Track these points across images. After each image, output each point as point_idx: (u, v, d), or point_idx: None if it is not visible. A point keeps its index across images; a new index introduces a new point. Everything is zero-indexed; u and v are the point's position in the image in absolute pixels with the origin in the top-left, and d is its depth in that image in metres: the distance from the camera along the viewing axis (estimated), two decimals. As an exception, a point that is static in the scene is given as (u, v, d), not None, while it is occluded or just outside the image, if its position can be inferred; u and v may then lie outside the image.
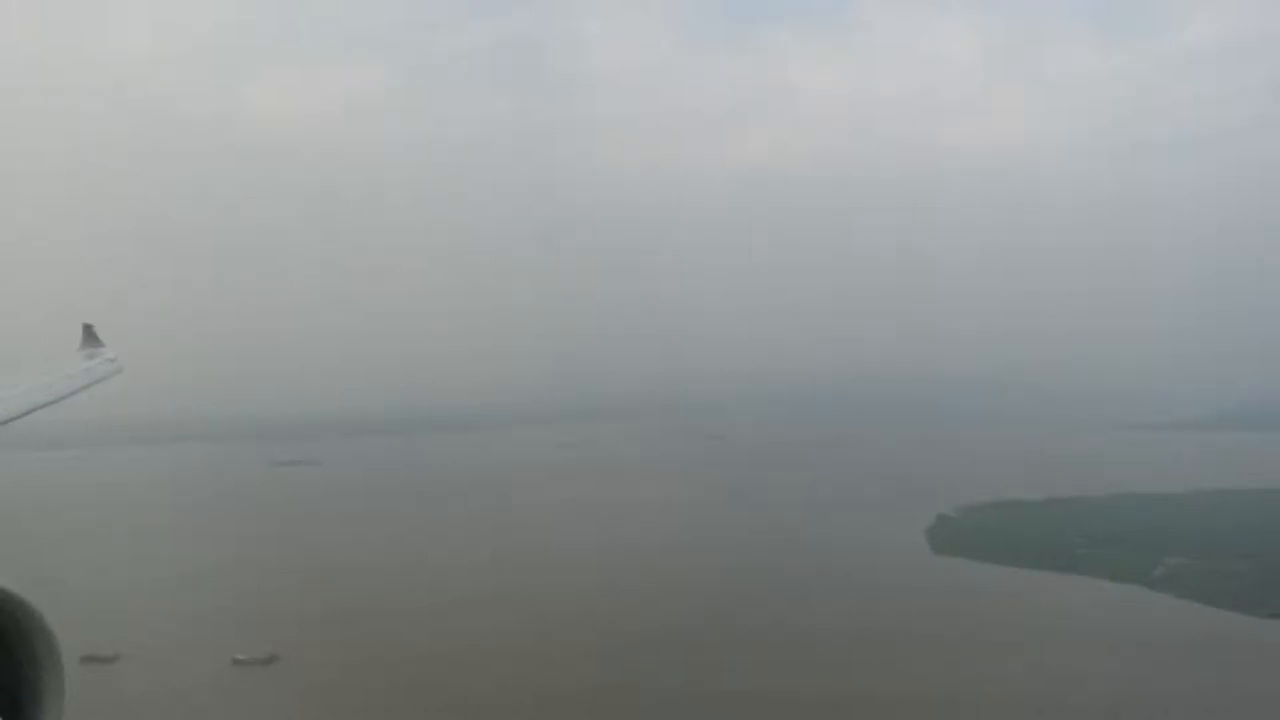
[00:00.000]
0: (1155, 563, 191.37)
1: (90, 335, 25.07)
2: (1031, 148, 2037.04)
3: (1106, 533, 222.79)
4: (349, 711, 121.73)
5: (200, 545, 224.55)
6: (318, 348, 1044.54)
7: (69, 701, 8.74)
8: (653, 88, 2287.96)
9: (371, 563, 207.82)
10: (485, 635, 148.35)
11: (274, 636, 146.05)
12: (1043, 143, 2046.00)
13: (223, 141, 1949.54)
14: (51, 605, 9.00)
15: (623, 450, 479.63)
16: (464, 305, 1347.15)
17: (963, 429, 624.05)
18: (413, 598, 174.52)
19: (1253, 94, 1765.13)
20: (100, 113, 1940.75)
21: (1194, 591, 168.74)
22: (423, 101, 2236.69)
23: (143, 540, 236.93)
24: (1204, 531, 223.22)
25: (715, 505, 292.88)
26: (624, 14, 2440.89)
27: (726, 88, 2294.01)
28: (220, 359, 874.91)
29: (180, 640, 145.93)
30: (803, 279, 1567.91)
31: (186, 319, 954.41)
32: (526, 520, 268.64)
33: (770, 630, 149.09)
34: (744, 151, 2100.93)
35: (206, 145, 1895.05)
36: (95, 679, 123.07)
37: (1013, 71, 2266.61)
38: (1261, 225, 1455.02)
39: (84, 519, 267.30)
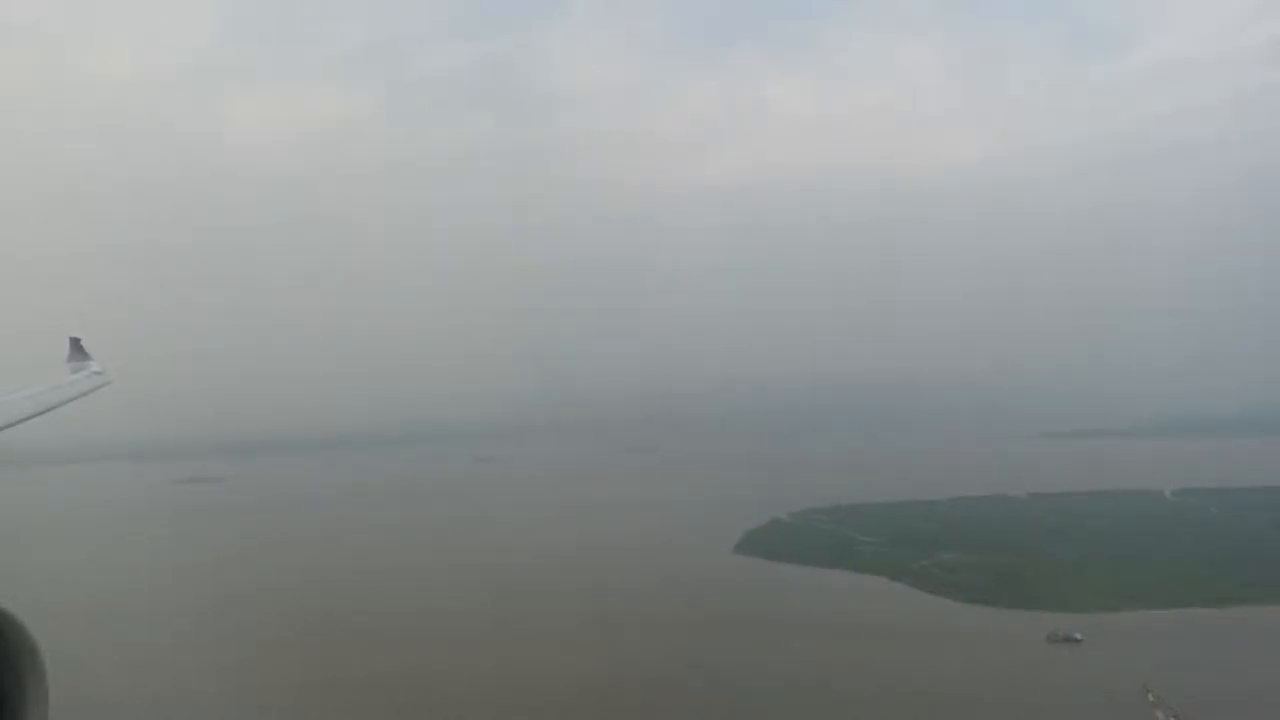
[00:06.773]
0: (923, 559, 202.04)
1: (77, 348, 25.27)
2: (999, 161, 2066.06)
3: (906, 533, 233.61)
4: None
5: (35, 551, 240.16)
6: (293, 365, 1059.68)
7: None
8: (629, 107, 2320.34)
9: (186, 566, 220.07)
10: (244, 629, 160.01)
11: (40, 631, 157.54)
12: (1009, 156, 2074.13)
13: (206, 160, 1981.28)
14: None
15: (542, 461, 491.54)
16: (439, 322, 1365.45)
17: (890, 434, 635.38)
18: (201, 596, 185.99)
19: (1212, 110, 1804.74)
20: (85, 132, 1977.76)
21: (926, 582, 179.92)
22: (401, 120, 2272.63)
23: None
24: (998, 530, 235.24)
25: (588, 510, 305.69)
26: (601, 36, 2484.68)
27: (701, 106, 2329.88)
28: (194, 376, 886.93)
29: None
30: (775, 291, 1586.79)
31: (165, 335, 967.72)
32: (383, 527, 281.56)
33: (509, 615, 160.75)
34: (719, 167, 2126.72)
35: (190, 164, 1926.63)
36: None
37: (980, 88, 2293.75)
38: (1223, 235, 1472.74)
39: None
